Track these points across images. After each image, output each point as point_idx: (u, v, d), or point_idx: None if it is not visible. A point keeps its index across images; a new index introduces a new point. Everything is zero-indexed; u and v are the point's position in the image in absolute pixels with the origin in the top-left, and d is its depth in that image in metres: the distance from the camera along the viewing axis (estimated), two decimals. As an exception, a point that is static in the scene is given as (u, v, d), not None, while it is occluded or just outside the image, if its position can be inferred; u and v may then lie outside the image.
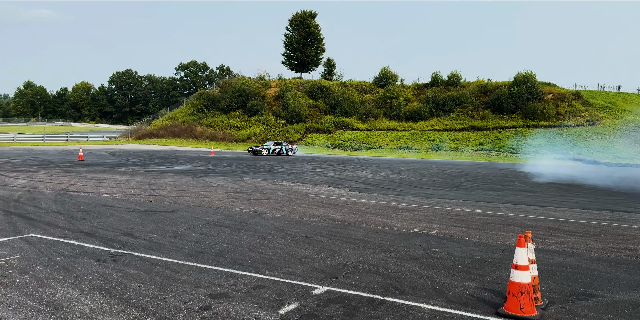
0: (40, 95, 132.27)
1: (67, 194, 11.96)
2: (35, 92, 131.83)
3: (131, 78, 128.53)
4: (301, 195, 13.60)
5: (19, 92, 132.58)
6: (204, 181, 16.40)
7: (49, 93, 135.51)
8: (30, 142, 48.99)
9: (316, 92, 62.06)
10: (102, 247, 6.74)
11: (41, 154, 29.93)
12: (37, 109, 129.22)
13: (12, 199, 10.80)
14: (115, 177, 16.37)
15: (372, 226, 9.07)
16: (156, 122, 65.10)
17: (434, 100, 56.71)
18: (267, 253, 6.71)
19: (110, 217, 9.08)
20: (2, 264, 5.68)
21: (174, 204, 11.05)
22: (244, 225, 8.78)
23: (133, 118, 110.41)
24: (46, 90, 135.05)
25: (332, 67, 71.90)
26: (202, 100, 65.65)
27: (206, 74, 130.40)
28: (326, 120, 57.38)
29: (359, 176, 21.01)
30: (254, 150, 38.79)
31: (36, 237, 7.18)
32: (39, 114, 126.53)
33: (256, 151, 38.56)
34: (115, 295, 4.78)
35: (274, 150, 39.51)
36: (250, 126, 58.55)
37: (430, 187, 17.13)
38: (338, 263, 6.30)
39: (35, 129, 75.18)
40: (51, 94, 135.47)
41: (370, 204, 12.26)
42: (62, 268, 5.63)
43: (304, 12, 68.81)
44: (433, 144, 50.25)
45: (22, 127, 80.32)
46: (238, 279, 5.46)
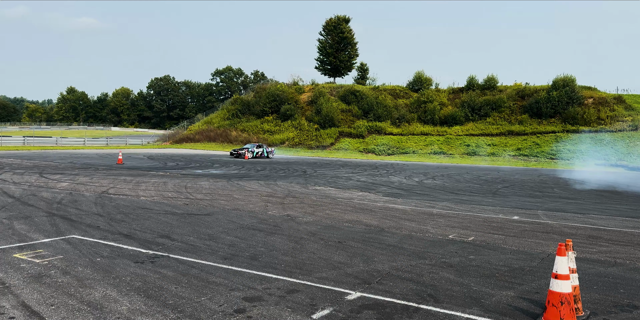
0: (82, 100, 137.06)
1: (107, 196, 12.32)
2: (77, 97, 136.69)
3: (169, 84, 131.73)
4: (334, 199, 13.59)
5: (62, 97, 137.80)
6: (239, 185, 16.60)
7: (90, 98, 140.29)
8: (72, 146, 50.73)
9: (349, 96, 62.05)
10: (140, 249, 6.90)
11: (82, 157, 30.96)
12: (79, 114, 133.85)
13: (55, 201, 11.19)
14: (153, 181, 16.76)
15: (406, 232, 8.97)
16: (192, 127, 66.40)
17: (469, 104, 55.80)
18: (300, 257, 6.72)
19: (148, 219, 9.29)
20: (45, 264, 5.88)
21: (210, 207, 11.22)
22: (277, 229, 8.83)
23: (170, 123, 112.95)
24: (87, 96, 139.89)
25: (365, 72, 71.76)
26: (237, 105, 66.61)
27: (241, 80, 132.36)
28: (359, 125, 57.24)
29: (392, 181, 20.84)
30: (238, 153, 37.69)
31: (77, 238, 7.42)
32: (80, 119, 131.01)
33: (240, 154, 37.54)
34: (153, 297, 4.88)
35: (257, 153, 38.89)
36: (283, 131, 59.01)
37: (466, 193, 16.83)
38: (371, 269, 6.25)
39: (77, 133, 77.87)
40: (92, 100, 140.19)
41: (404, 209, 12.13)
42: (101, 269, 5.79)
43: (338, 18, 69.02)
44: (468, 149, 49.42)
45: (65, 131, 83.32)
46: (272, 283, 5.48)
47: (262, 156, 39.29)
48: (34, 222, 8.54)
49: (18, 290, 4.89)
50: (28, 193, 12.28)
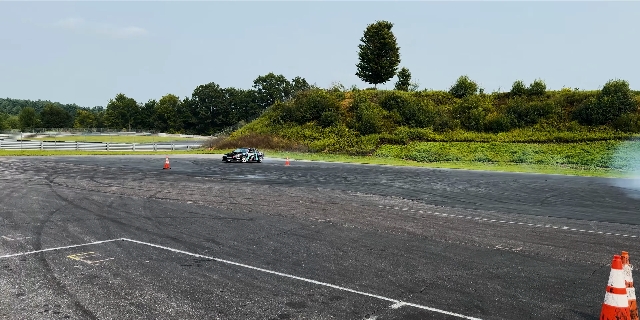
0: (131, 107, 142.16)
1: (154, 200, 12.69)
2: (126, 104, 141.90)
3: (213, 91, 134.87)
4: (375, 206, 13.50)
5: (112, 104, 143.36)
6: (280, 190, 16.75)
7: (139, 105, 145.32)
8: (121, 151, 52.62)
9: (390, 102, 61.68)
10: (187, 252, 7.06)
11: (131, 162, 32.05)
12: (128, 120, 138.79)
13: (106, 204, 11.62)
14: (198, 185, 17.15)
15: (450, 241, 8.80)
16: (235, 133, 67.63)
17: (515, 110, 54.38)
18: (342, 264, 6.71)
19: (194, 223, 9.51)
20: (97, 266, 6.11)
21: (252, 212, 11.37)
22: (319, 235, 8.84)
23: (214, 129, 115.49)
24: (136, 103, 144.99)
25: (407, 77, 71.19)
26: (279, 111, 67.40)
27: (283, 86, 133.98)
28: (400, 131, 56.75)
29: (435, 188, 20.52)
30: (233, 158, 37.66)
31: (127, 240, 7.67)
32: (129, 125, 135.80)
33: (236, 159, 37.59)
34: (200, 300, 4.98)
35: (250, 157, 39.11)
36: (324, 137, 59.22)
37: (513, 202, 16.36)
38: (415, 278, 6.16)
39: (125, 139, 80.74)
40: (140, 106, 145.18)
41: (448, 217, 11.91)
42: (150, 271, 5.95)
43: (380, 23, 68.88)
44: (515, 156, 48.09)
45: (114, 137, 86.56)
46: (315, 289, 5.49)
47: (254, 160, 39.74)
48: (86, 224, 8.89)
49: (72, 290, 5.09)
50: (80, 196, 12.80)
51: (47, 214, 9.76)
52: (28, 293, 4.95)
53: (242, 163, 36.90)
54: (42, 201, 11.60)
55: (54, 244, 7.16)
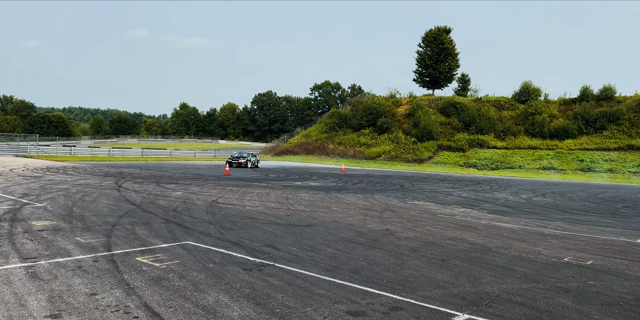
0: (193, 115, 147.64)
1: (216, 205, 13.06)
2: (189, 112, 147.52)
3: (271, 99, 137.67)
4: (434, 215, 13.22)
5: (176, 112, 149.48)
6: (337, 197, 16.78)
7: (201, 113, 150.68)
8: (184, 157, 54.63)
9: (449, 109, 60.46)
10: (248, 256, 7.20)
11: (193, 168, 33.20)
12: (190, 128, 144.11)
13: (171, 208, 12.08)
14: (257, 191, 17.50)
15: (515, 253, 8.46)
16: (292, 140, 68.56)
17: (583, 116, 51.82)
18: (402, 274, 6.60)
19: (254, 228, 9.69)
20: (163, 268, 6.35)
21: (310, 218, 11.45)
22: (377, 243, 8.76)
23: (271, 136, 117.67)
24: (198, 111, 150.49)
25: (466, 83, 69.61)
26: (334, 118, 67.73)
27: (338, 94, 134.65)
28: (459, 138, 55.46)
29: (497, 198, 19.84)
30: (239, 163, 37.09)
31: (191, 244, 7.92)
32: (191, 132, 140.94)
33: (242, 163, 36.98)
34: (261, 304, 5.06)
35: (252, 162, 38.40)
36: (380, 144, 58.84)
37: (581, 213, 15.54)
38: (479, 290, 5.96)
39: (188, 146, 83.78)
40: (202, 114, 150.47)
41: (512, 228, 11.47)
42: (213, 275, 6.12)
43: (438, 28, 67.89)
44: (582, 165, 45.73)
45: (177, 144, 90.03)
46: (374, 298, 5.44)
47: (254, 166, 38.99)
48: (152, 228, 9.27)
49: (141, 292, 5.31)
50: (147, 201, 13.38)
51: (116, 218, 10.27)
52: (100, 293, 5.21)
53: (247, 168, 36.53)
54: (111, 205, 12.23)
55: (124, 246, 7.52)
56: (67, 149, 48.05)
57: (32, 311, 4.58)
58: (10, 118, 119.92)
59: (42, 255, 6.75)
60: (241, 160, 37.38)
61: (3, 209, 10.80)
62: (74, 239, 7.93)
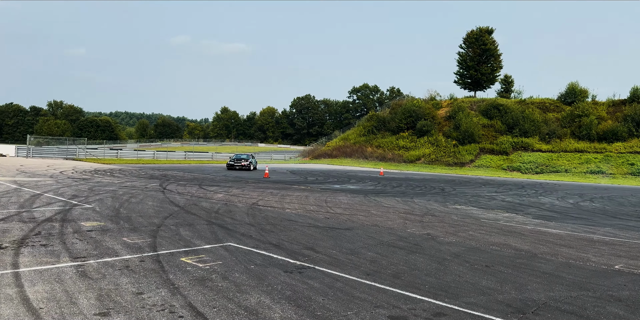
0: (234, 119, 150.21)
1: (256, 207, 13.22)
2: (230, 116, 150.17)
3: (309, 102, 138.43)
4: (477, 220, 12.94)
5: (217, 116, 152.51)
6: (375, 201, 16.67)
7: (241, 117, 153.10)
8: (225, 160, 55.50)
9: (491, 111, 59.11)
10: (288, 259, 7.25)
11: (234, 171, 33.72)
12: (231, 131, 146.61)
13: (213, 210, 12.31)
14: (296, 194, 17.60)
15: (562, 259, 8.17)
16: (330, 143, 68.65)
17: (633, 118, 49.61)
18: (444, 279, 6.49)
19: (294, 231, 9.75)
20: (207, 269, 6.47)
21: (349, 222, 11.42)
22: (418, 248, 8.65)
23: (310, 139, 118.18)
24: (238, 115, 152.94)
25: (509, 84, 67.92)
26: (373, 121, 67.40)
27: (377, 96, 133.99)
28: (502, 141, 54.11)
29: (543, 202, 19.24)
30: (242, 165, 35.05)
31: (233, 246, 8.05)
32: (232, 136, 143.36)
33: (245, 166, 34.99)
34: (302, 306, 5.07)
35: (254, 164, 36.98)
36: (419, 147, 58.12)
37: (632, 219, 14.86)
38: (525, 297, 5.79)
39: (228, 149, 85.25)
40: (242, 118, 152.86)
41: (559, 234, 11.09)
42: (255, 276, 6.18)
43: (480, 29, 66.62)
44: (633, 169, 43.75)
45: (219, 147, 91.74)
46: (416, 304, 5.36)
47: (255, 168, 37.35)
48: (196, 229, 9.47)
49: (185, 291, 5.43)
50: (190, 203, 13.69)
51: (161, 219, 10.55)
52: (146, 292, 5.36)
53: (250, 171, 34.74)
54: (156, 206, 12.57)
55: (168, 247, 7.71)
56: (113, 152, 49.78)
57: (82, 309, 4.76)
58: (60, 122, 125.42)
59: (91, 254, 7.00)
60: (244, 162, 35.64)
61: (54, 209, 11.28)
62: (121, 239, 8.20)
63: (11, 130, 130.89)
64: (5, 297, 4.98)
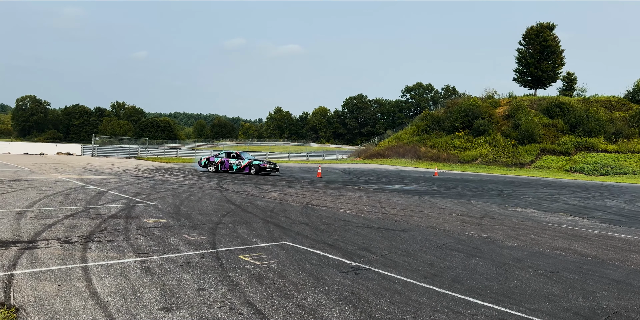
0: (287, 119, 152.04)
1: (310, 207, 13.30)
2: (283, 116, 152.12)
3: (361, 102, 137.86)
4: (539, 223, 12.42)
5: (270, 117, 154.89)
6: (430, 202, 16.35)
7: (293, 117, 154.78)
8: (278, 159, 56.33)
9: (553, 109, 56.64)
10: (344, 259, 7.23)
11: (287, 170, 34.11)
12: (284, 131, 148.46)
13: (268, 209, 12.49)
14: (349, 194, 17.57)
15: (634, 266, 7.69)
16: (382, 143, 68.06)
17: None
18: (507, 285, 6.26)
19: (348, 231, 9.73)
20: (264, 267, 6.56)
21: (404, 223, 11.26)
22: (477, 251, 8.40)
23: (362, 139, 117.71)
24: (291, 115, 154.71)
25: (572, 82, 64.88)
26: (427, 121, 66.21)
27: (431, 95, 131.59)
28: (565, 141, 51.75)
29: (609, 206, 18.21)
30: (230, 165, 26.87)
31: (289, 244, 8.12)
32: (285, 135, 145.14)
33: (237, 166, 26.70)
34: (359, 308, 5.04)
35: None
36: (476, 147, 56.54)
37: None
38: (594, 306, 5.49)
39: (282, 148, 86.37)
40: (295, 118, 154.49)
41: (628, 239, 10.45)
42: (311, 275, 6.21)
43: (540, 25, 64.02)
44: None
45: (272, 147, 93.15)
46: (478, 309, 5.20)
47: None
48: (252, 227, 9.64)
49: (244, 289, 5.53)
50: (246, 201, 13.95)
51: (219, 217, 10.81)
52: (207, 288, 5.50)
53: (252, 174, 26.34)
54: (214, 204, 12.90)
55: (227, 244, 7.88)
56: (173, 152, 51.60)
57: (146, 303, 4.94)
58: (123, 123, 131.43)
59: (154, 250, 7.27)
60: (232, 162, 26.96)
61: (119, 206, 11.82)
62: (182, 236, 8.46)
63: (77, 130, 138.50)
64: (76, 290, 5.25)
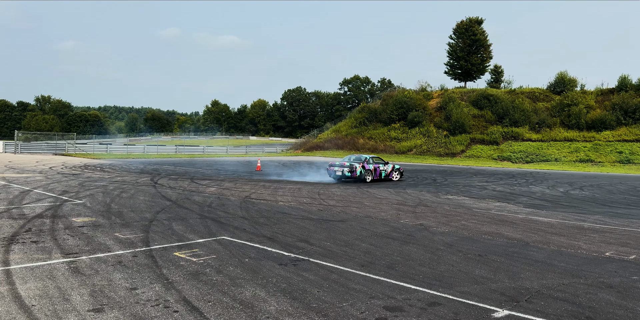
0: (224, 112, 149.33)
1: (249, 201, 13.19)
2: (220, 109, 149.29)
3: (300, 95, 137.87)
4: (469, 210, 13.01)
5: (207, 110, 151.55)
6: (368, 192, 16.70)
7: (232, 110, 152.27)
8: (216, 153, 55.36)
9: (482, 101, 59.28)
10: (283, 251, 7.24)
11: (226, 164, 33.61)
12: (222, 125, 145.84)
13: (206, 204, 12.26)
14: (288, 187, 17.59)
15: (554, 247, 8.24)
16: (322, 135, 68.58)
17: (621, 107, 50.02)
18: (438, 269, 6.52)
19: (288, 223, 9.74)
20: (201, 263, 6.44)
21: (342, 213, 11.43)
22: (411, 238, 8.68)
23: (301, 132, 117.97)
24: (229, 108, 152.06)
25: (499, 75, 68.11)
26: (364, 113, 67.37)
27: (368, 88, 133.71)
28: (493, 131, 54.37)
29: (534, 191, 19.38)
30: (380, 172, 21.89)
31: (227, 239, 8.02)
32: (223, 129, 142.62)
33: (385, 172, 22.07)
34: (298, 299, 5.08)
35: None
36: (410, 138, 58.24)
37: (622, 206, 15.02)
38: (518, 286, 5.83)
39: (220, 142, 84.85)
40: (233, 111, 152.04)
41: (550, 222, 11.18)
42: (249, 269, 6.18)
43: (470, 19, 66.58)
44: (621, 157, 44.20)
45: (210, 141, 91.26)
46: (411, 294, 5.38)
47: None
48: (189, 223, 9.43)
49: (179, 286, 5.41)
50: (182, 197, 13.62)
51: (153, 213, 10.49)
52: (140, 287, 5.33)
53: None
54: (148, 201, 12.50)
55: (161, 242, 7.67)
56: (103, 147, 49.38)
57: (75, 305, 4.72)
58: (48, 117, 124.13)
59: (83, 250, 6.95)
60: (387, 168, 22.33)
61: (45, 206, 11.18)
62: (113, 234, 8.14)
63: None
64: (-3, 295, 4.93)
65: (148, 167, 27.70)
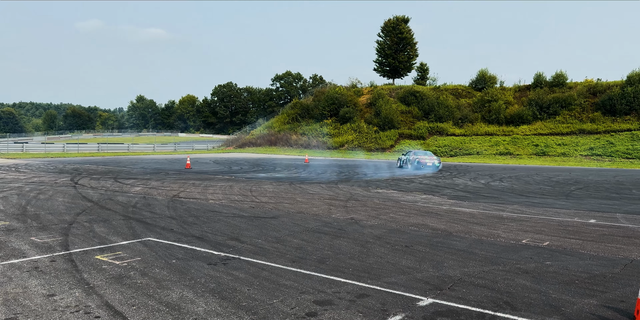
0: (151, 108, 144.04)
1: (178, 200, 12.82)
2: (146, 105, 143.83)
3: (231, 90, 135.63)
4: (397, 202, 13.41)
5: (132, 105, 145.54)
6: (301, 188, 16.77)
7: (159, 106, 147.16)
8: (143, 151, 53.32)
9: (409, 97, 61.20)
10: (212, 251, 7.11)
11: (153, 162, 32.45)
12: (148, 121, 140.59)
13: (130, 204, 11.78)
14: (220, 184, 17.28)
15: (475, 237, 8.69)
16: (254, 132, 67.97)
17: (537, 102, 53.48)
18: (367, 261, 6.67)
19: (218, 222, 9.57)
20: (124, 266, 6.19)
21: (275, 210, 11.40)
22: (342, 232, 8.82)
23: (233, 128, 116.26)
24: (156, 104, 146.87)
25: (425, 72, 70.54)
26: (297, 109, 67.48)
27: (300, 84, 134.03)
28: (419, 126, 56.34)
29: (457, 183, 20.31)
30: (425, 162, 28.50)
31: (153, 240, 7.75)
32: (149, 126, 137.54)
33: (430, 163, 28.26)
34: (227, 298, 5.01)
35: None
36: (342, 134, 59.11)
37: (537, 196, 16.10)
38: (442, 274, 6.10)
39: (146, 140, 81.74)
40: (160, 107, 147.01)
41: (472, 213, 11.77)
42: (177, 270, 6.01)
43: (397, 18, 68.35)
44: (537, 149, 47.35)
45: (135, 138, 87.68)
46: (341, 287, 5.47)
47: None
48: (112, 225, 9.02)
49: (101, 291, 5.17)
50: (105, 197, 13.00)
51: (73, 215, 9.94)
52: (59, 294, 5.04)
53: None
54: (68, 203, 11.82)
55: (82, 245, 7.28)
56: (18, 146, 46.07)
57: (-15, 316, 4.38)
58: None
59: (-5, 257, 6.46)
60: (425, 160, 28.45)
61: (-50, 210, 10.26)
62: (28, 238, 7.63)
63: None
64: None
65: (68, 166, 26.19)
